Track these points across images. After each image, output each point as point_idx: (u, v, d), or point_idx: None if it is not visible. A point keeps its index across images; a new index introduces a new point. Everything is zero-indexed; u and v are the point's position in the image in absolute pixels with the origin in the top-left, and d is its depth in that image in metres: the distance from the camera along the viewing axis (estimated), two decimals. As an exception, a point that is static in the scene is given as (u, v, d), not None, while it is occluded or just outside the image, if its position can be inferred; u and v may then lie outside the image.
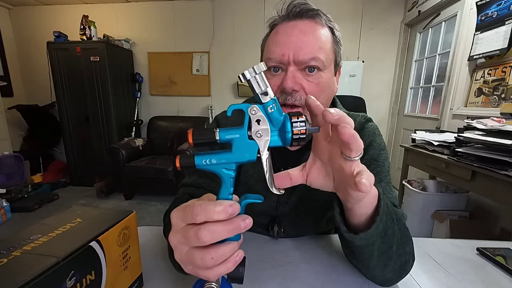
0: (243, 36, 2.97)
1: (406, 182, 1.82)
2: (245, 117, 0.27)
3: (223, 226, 0.24)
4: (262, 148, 0.27)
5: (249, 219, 0.26)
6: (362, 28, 2.83)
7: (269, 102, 0.26)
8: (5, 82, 3.02)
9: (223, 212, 0.24)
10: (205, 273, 0.25)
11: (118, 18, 3.10)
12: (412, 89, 2.74)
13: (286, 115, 0.27)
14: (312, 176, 0.33)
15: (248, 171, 0.58)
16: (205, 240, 0.24)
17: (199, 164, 0.26)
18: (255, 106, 0.26)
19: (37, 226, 0.31)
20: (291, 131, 0.26)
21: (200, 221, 0.24)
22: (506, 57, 1.55)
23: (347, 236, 0.35)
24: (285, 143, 0.27)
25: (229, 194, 0.27)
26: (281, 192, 0.28)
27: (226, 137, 0.26)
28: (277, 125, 0.27)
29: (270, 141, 0.27)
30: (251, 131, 0.26)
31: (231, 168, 0.27)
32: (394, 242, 0.36)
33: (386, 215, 0.34)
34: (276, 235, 0.55)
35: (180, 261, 0.26)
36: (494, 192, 1.13)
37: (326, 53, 0.48)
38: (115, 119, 2.86)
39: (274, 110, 0.26)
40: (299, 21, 0.48)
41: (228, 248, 0.25)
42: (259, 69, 0.25)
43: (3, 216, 2.10)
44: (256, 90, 0.26)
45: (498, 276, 0.45)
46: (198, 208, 0.24)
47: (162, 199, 2.66)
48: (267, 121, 0.27)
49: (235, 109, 0.26)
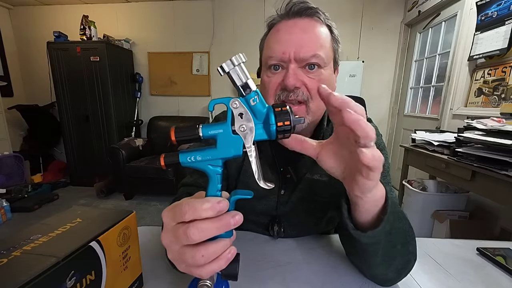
0: (243, 35, 2.97)
1: (406, 182, 1.82)
2: (227, 111, 0.26)
3: (211, 224, 0.24)
4: (247, 143, 0.26)
5: (239, 215, 0.25)
6: (362, 28, 2.83)
7: (251, 94, 0.25)
8: (5, 82, 3.03)
9: (211, 209, 0.24)
10: (197, 271, 0.25)
11: (118, 18, 3.10)
12: (412, 89, 2.74)
13: (269, 107, 0.27)
14: (324, 154, 0.32)
15: (248, 170, 0.58)
16: (194, 238, 0.24)
17: (184, 161, 0.26)
18: (236, 100, 0.26)
19: (37, 226, 0.31)
20: (275, 123, 0.26)
21: (189, 219, 0.24)
22: (506, 57, 1.55)
23: (354, 234, 0.34)
24: (270, 136, 0.26)
25: (217, 190, 0.27)
26: (270, 187, 0.27)
27: (209, 133, 0.26)
28: (261, 117, 0.26)
29: (255, 134, 0.26)
30: (235, 126, 0.26)
31: (218, 164, 0.26)
32: (399, 241, 0.36)
33: (393, 214, 0.34)
34: (276, 235, 0.55)
35: (173, 260, 0.27)
36: (494, 192, 1.13)
37: (326, 50, 0.48)
38: (115, 119, 2.86)
39: (257, 102, 0.26)
40: (298, 19, 0.49)
41: (219, 245, 0.25)
42: (238, 60, 0.24)
43: (3, 216, 2.10)
44: (236, 83, 0.25)
45: (498, 276, 0.45)
46: (186, 206, 0.24)
47: (162, 199, 2.66)
48: (250, 114, 0.26)
49: (216, 104, 0.26)
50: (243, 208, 0.30)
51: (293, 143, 0.32)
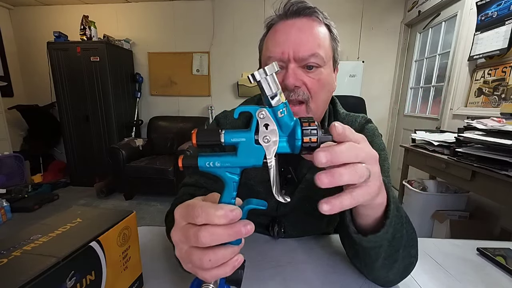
0: (243, 36, 2.97)
1: (406, 182, 1.82)
2: (252, 120, 0.25)
3: (223, 230, 0.24)
4: (269, 155, 0.25)
5: (250, 225, 0.25)
6: (362, 28, 2.83)
7: (280, 106, 0.24)
8: (5, 82, 3.03)
9: (224, 217, 0.24)
10: (202, 274, 0.25)
11: (118, 18, 3.10)
12: (412, 89, 2.74)
13: (296, 120, 0.25)
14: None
15: (250, 172, 0.57)
16: (204, 241, 0.23)
17: (202, 166, 0.25)
18: (264, 110, 0.24)
19: (37, 226, 0.31)
20: (301, 138, 0.24)
21: (200, 223, 0.24)
22: (506, 57, 1.55)
23: (355, 237, 0.34)
24: (293, 150, 0.25)
25: (231, 198, 0.26)
26: (287, 200, 0.27)
27: (231, 140, 0.25)
28: (287, 130, 0.25)
29: (278, 147, 0.25)
30: (258, 136, 0.25)
31: (235, 172, 0.26)
32: (401, 245, 0.36)
33: (396, 218, 0.33)
34: (277, 235, 0.55)
35: (180, 258, 0.27)
36: (494, 192, 1.13)
37: (325, 49, 0.48)
38: (115, 119, 2.86)
39: (285, 114, 0.25)
40: (297, 19, 0.49)
41: (228, 251, 0.25)
42: (271, 70, 0.23)
43: (3, 216, 2.10)
44: (266, 92, 0.24)
45: (498, 276, 0.45)
46: (199, 210, 0.24)
47: (162, 199, 2.66)
48: (275, 126, 0.25)
49: (242, 111, 0.25)
50: None
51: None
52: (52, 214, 0.35)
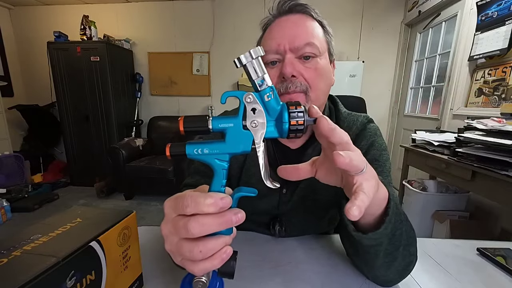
0: (244, 35, 2.97)
1: (406, 182, 1.82)
2: (240, 105, 0.25)
3: (213, 219, 0.24)
4: (257, 139, 0.25)
5: (241, 213, 0.25)
6: (362, 28, 2.83)
7: (266, 90, 0.25)
8: (5, 82, 3.02)
9: (213, 205, 0.23)
10: (191, 267, 0.25)
11: (118, 18, 3.10)
12: (412, 89, 2.74)
13: (283, 104, 0.26)
14: (321, 173, 0.33)
15: (250, 169, 0.57)
16: (194, 232, 0.23)
17: (190, 153, 0.25)
18: (250, 94, 0.25)
19: (37, 226, 0.31)
20: (288, 121, 0.25)
21: (190, 213, 0.24)
22: (506, 57, 1.55)
23: (355, 235, 0.34)
24: (281, 135, 0.26)
25: (221, 186, 0.26)
26: (276, 186, 0.27)
27: (219, 126, 0.25)
28: (274, 114, 0.25)
29: (266, 132, 0.25)
30: (246, 121, 0.25)
31: (224, 159, 0.25)
32: (401, 243, 0.36)
33: (395, 216, 0.33)
34: (278, 234, 0.55)
35: (170, 252, 0.26)
36: (494, 192, 1.13)
37: (319, 40, 0.50)
38: (115, 119, 2.86)
39: (271, 98, 0.25)
40: (290, 15, 0.51)
41: (219, 242, 0.24)
42: (256, 53, 0.23)
43: (3, 216, 2.10)
44: (252, 76, 0.24)
45: (498, 276, 0.45)
46: (189, 199, 0.24)
47: (162, 199, 2.64)
48: (263, 110, 0.25)
49: (229, 96, 0.25)
50: (244, 206, 0.29)
51: (290, 175, 0.33)
52: (52, 214, 0.35)
